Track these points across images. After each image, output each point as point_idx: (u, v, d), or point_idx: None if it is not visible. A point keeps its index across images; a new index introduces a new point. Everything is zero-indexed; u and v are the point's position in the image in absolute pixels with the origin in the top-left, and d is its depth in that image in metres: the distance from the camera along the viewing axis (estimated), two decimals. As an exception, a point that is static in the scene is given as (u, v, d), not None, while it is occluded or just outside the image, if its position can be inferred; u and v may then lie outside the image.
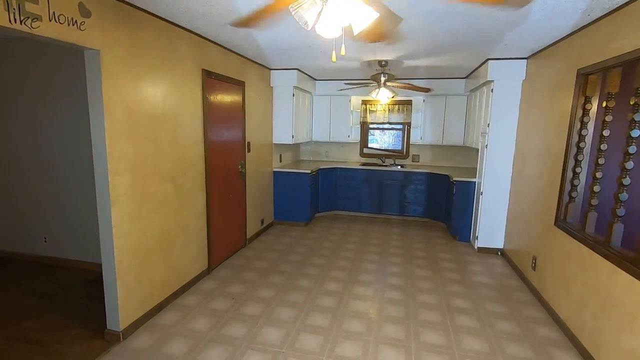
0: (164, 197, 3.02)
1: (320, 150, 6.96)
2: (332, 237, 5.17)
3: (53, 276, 3.72)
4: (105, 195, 2.46)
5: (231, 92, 4.11)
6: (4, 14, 1.73)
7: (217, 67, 3.75)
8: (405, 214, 6.15)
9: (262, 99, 5.01)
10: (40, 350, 2.52)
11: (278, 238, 5.10)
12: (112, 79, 2.41)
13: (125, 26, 2.49)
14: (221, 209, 4.02)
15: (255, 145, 4.87)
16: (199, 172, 3.53)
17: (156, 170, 2.90)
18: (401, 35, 3.03)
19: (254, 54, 4.23)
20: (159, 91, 2.89)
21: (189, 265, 3.44)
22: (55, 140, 3.77)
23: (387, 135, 6.79)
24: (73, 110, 3.63)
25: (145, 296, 2.86)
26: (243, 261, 4.21)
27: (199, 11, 2.66)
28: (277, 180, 5.65)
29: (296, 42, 3.53)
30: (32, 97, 3.77)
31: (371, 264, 4.19)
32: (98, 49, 2.29)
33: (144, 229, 2.80)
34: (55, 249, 3.99)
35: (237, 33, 3.28)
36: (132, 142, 2.62)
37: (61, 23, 2.02)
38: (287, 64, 4.89)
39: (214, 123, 3.75)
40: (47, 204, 3.93)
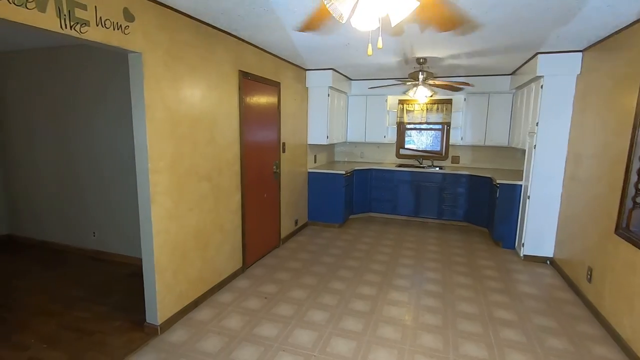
0: (200, 195, 3.08)
1: (355, 151, 6.87)
2: (366, 240, 5.06)
3: (100, 269, 3.94)
4: (145, 193, 2.55)
5: (267, 92, 4.15)
6: (55, 20, 1.84)
7: (253, 68, 3.79)
8: (443, 218, 5.90)
9: (297, 99, 5.01)
10: (87, 339, 2.65)
11: (312, 239, 5.07)
12: (153, 80, 2.49)
13: (166, 29, 2.57)
14: (256, 208, 4.06)
15: (290, 145, 4.88)
16: (234, 171, 3.58)
17: (193, 169, 2.98)
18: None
19: (289, 55, 4.24)
20: (197, 92, 2.96)
21: (224, 263, 3.50)
22: (103, 140, 4.00)
23: (424, 135, 6.56)
24: (118, 112, 3.82)
25: (182, 292, 2.94)
26: (277, 261, 4.22)
27: (237, 13, 2.69)
28: (312, 181, 5.63)
29: (332, 42, 3.49)
30: (83, 100, 4.02)
31: (406, 269, 4.04)
32: (140, 52, 2.37)
33: (181, 227, 2.88)
34: (103, 243, 4.23)
35: (274, 34, 3.29)
36: (171, 141, 2.69)
37: (107, 27, 2.11)
38: (323, 64, 4.86)
39: (249, 123, 3.80)
40: (96, 201, 4.17)
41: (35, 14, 1.74)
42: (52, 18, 1.82)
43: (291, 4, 2.47)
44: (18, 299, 3.26)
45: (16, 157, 4.61)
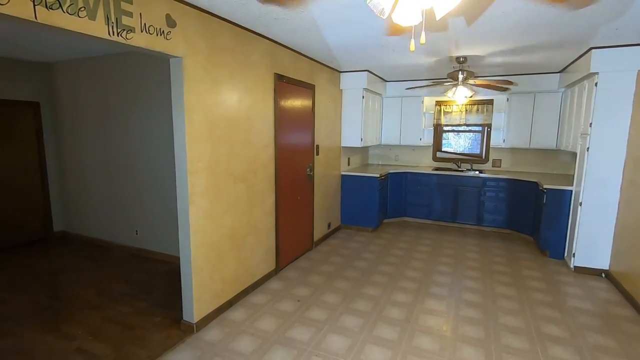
0: (236, 196, 3.13)
1: (389, 154, 6.73)
2: (400, 245, 4.92)
3: (141, 266, 4.11)
4: (184, 193, 2.61)
5: (301, 95, 4.15)
6: (104, 28, 1.93)
7: (289, 71, 3.81)
8: (482, 224, 5.61)
9: (331, 101, 4.99)
10: (129, 334, 2.76)
11: (345, 242, 5.01)
12: (192, 84, 2.56)
13: (205, 34, 2.63)
14: (289, 210, 4.06)
15: (324, 148, 4.86)
16: (269, 173, 3.61)
17: (230, 170, 3.02)
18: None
19: (324, 57, 4.23)
20: (233, 95, 3.01)
21: (258, 265, 3.52)
22: (145, 143, 4.18)
23: (462, 138, 6.30)
24: (159, 116, 3.98)
25: (217, 292, 2.98)
26: (310, 264, 4.20)
27: (272, 16, 2.71)
28: (345, 184, 5.57)
29: (368, 42, 3.43)
30: (126, 105, 4.23)
31: (444, 277, 3.86)
32: (181, 56, 2.45)
33: (217, 227, 2.93)
34: (144, 241, 4.42)
35: (309, 36, 3.29)
36: (208, 143, 2.75)
37: (150, 33, 2.19)
38: (358, 66, 4.81)
39: (284, 125, 3.82)
40: (138, 201, 4.37)
41: (86, 22, 1.84)
42: (101, 26, 1.91)
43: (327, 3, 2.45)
44: (68, 291, 3.47)
45: (68, 159, 4.94)
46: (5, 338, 2.70)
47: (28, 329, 2.81)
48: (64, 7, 1.73)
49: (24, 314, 3.05)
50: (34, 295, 3.39)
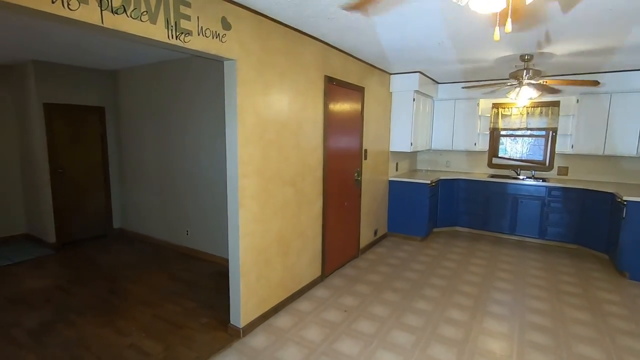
0: (284, 200, 3.08)
1: (439, 160, 6.40)
2: (452, 257, 4.61)
3: (191, 265, 4.22)
4: (234, 196, 2.60)
5: (351, 98, 4.05)
6: (164, 31, 1.96)
7: (339, 73, 3.73)
8: (545, 237, 5.11)
9: (380, 105, 4.83)
10: (177, 332, 2.80)
11: (392, 251, 4.79)
12: (245, 86, 2.55)
13: (258, 36, 2.62)
14: (336, 216, 3.96)
15: (372, 152, 4.70)
16: (317, 177, 3.53)
17: (279, 174, 2.98)
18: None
19: (374, 59, 4.09)
20: (284, 97, 2.97)
21: (304, 271, 3.45)
22: (197, 146, 4.30)
23: (519, 143, 5.82)
24: (211, 119, 4.07)
25: (264, 296, 2.94)
26: (356, 272, 4.05)
27: (326, 15, 2.63)
28: (393, 190, 5.36)
29: (425, 41, 3.24)
30: (181, 110, 4.39)
31: (504, 294, 3.53)
32: (235, 59, 2.45)
33: (265, 231, 2.89)
34: (194, 241, 4.54)
35: (361, 37, 3.18)
36: (259, 146, 2.73)
37: (207, 37, 2.20)
38: (409, 67, 4.61)
39: (333, 129, 3.73)
40: (189, 202, 4.50)
41: (147, 26, 1.88)
42: (161, 29, 1.94)
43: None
44: (124, 286, 3.63)
45: (127, 161, 5.25)
46: (69, 329, 2.85)
47: (88, 321, 2.96)
48: (128, 11, 1.77)
49: (84, 305, 3.22)
50: (94, 288, 3.59)
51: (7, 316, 3.05)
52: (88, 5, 1.62)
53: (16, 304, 3.25)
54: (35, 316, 3.04)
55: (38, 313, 3.10)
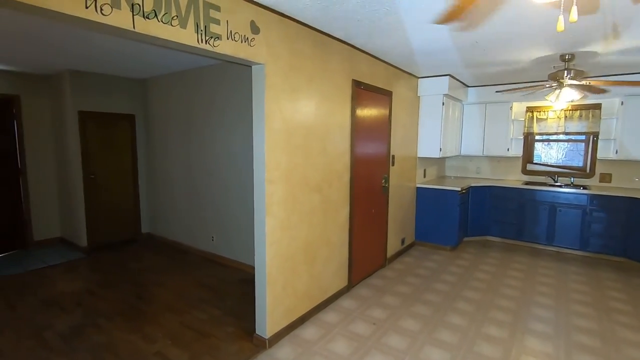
0: (310, 207, 3.00)
1: (469, 166, 6.15)
2: (485, 268, 4.37)
3: (216, 272, 4.20)
4: (261, 203, 2.55)
5: (378, 102, 3.94)
6: (194, 36, 1.94)
7: (366, 77, 3.64)
8: (588, 249, 4.77)
9: (408, 109, 4.69)
10: (202, 341, 2.75)
11: (420, 261, 4.61)
12: (273, 91, 2.50)
13: (286, 40, 2.58)
14: (363, 223, 3.84)
15: (400, 158, 4.56)
16: (344, 184, 3.43)
17: (305, 180, 2.91)
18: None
19: (403, 62, 3.97)
20: (311, 102, 2.91)
21: (330, 280, 3.34)
22: (223, 153, 4.31)
23: (558, 148, 5.50)
24: (238, 123, 4.07)
25: (290, 306, 2.86)
26: (383, 282, 3.90)
27: (356, 17, 2.56)
28: (421, 197, 5.18)
29: (457, 41, 3.10)
30: (205, 117, 4.42)
31: (545, 310, 3.28)
32: (263, 63, 2.41)
33: (292, 239, 2.82)
34: (219, 247, 4.53)
35: (390, 39, 3.08)
36: (285, 151, 2.67)
37: (235, 41, 2.18)
38: (438, 70, 4.46)
39: (360, 134, 3.63)
40: (215, 208, 4.51)
41: (178, 31, 1.86)
42: (191, 34, 1.92)
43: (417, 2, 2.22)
44: (152, 292, 3.64)
45: (156, 167, 5.34)
46: (98, 333, 2.87)
47: (116, 327, 2.97)
48: (159, 16, 1.76)
49: (113, 310, 3.25)
50: (122, 293, 3.62)
51: (41, 318, 3.11)
52: (120, 11, 1.62)
53: (49, 307, 3.32)
54: (67, 319, 3.09)
55: (69, 316, 3.15)
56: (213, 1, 2.02)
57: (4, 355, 2.60)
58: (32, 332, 2.90)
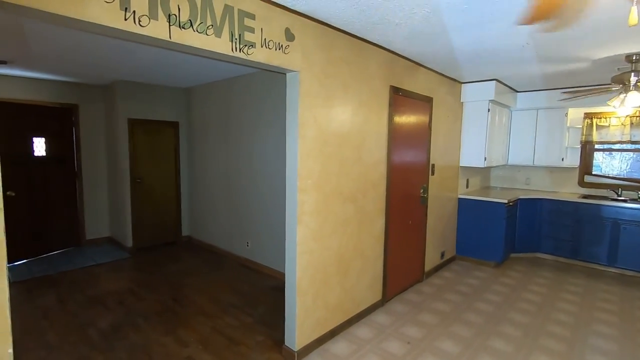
0: (344, 217, 2.91)
1: (518, 176, 5.73)
2: (535, 289, 4.00)
3: (250, 278, 4.22)
4: (293, 211, 2.50)
5: (418, 109, 3.78)
6: (228, 44, 1.95)
7: (405, 83, 3.50)
8: (659, 273, 4.22)
9: (450, 116, 4.47)
10: (232, 349, 2.74)
11: (461, 277, 4.32)
12: (307, 98, 2.46)
13: (322, 46, 2.53)
14: (399, 235, 3.67)
15: (440, 167, 4.34)
16: (379, 194, 3.31)
17: (339, 189, 2.83)
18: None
19: (445, 67, 3.79)
20: (347, 109, 2.84)
21: (363, 293, 3.22)
22: (259, 159, 4.35)
23: (617, 159, 4.96)
24: (273, 130, 4.09)
25: (320, 319, 2.77)
26: (420, 298, 3.70)
27: (395, 20, 2.46)
28: (463, 209, 4.89)
29: (506, 43, 2.89)
30: (244, 124, 4.49)
31: (605, 341, 2.91)
32: (298, 70, 2.38)
33: (324, 249, 2.74)
34: (254, 253, 4.56)
35: (431, 43, 2.94)
36: (319, 160, 2.61)
37: (270, 48, 2.16)
38: (484, 75, 4.20)
39: (398, 142, 3.49)
40: (251, 214, 4.56)
41: (212, 39, 1.88)
42: (225, 42, 1.93)
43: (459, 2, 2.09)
44: (187, 295, 3.72)
45: (197, 172, 5.53)
46: (135, 333, 2.97)
47: (152, 328, 3.05)
48: (194, 25, 1.79)
49: (151, 311, 3.35)
50: (160, 294, 3.74)
51: (86, 315, 3.28)
52: (157, 21, 1.65)
53: (94, 304, 3.50)
54: (108, 317, 3.23)
55: (111, 314, 3.29)
56: (248, 9, 2.03)
57: (51, 348, 2.75)
58: (77, 327, 3.06)
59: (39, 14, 1.39)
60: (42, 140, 4.88)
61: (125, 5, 1.54)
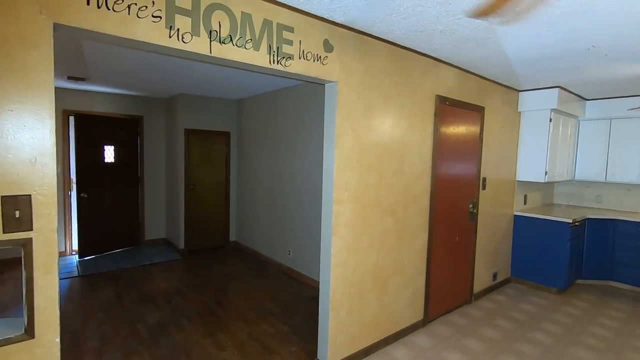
0: (382, 231, 2.81)
1: (586, 193, 5.14)
2: (606, 322, 3.51)
3: (290, 286, 4.25)
4: (328, 223, 2.48)
5: (467, 119, 3.57)
6: (266, 57, 2.01)
7: (453, 92, 3.34)
8: None
9: (505, 126, 4.16)
10: (266, 357, 2.75)
11: (516, 302, 3.95)
12: (345, 109, 2.44)
13: (361, 56, 2.51)
14: (444, 252, 3.46)
15: (492, 181, 4.04)
16: (422, 207, 3.16)
17: (377, 201, 2.75)
18: None
19: (497, 74, 3.55)
20: (387, 119, 2.76)
21: (402, 311, 3.07)
22: (301, 169, 4.40)
23: None
24: (314, 141, 4.11)
25: (355, 335, 2.68)
26: (466, 321, 3.43)
27: (438, 28, 2.36)
28: (520, 227, 4.49)
29: (566, 47, 2.63)
30: (288, 135, 4.59)
31: (697, 393, 2.45)
32: (336, 81, 2.37)
33: (359, 262, 2.66)
34: (295, 262, 4.60)
35: (482, 49, 2.77)
36: (356, 171, 2.57)
37: (307, 60, 2.19)
38: (545, 82, 3.86)
39: (444, 154, 3.32)
40: (293, 223, 4.61)
41: (251, 53, 1.94)
42: (263, 55, 1.99)
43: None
44: (229, 299, 3.84)
45: (244, 180, 5.75)
46: (178, 332, 3.12)
47: (194, 329, 3.18)
48: (234, 40, 1.87)
49: (194, 312, 3.50)
50: (205, 296, 3.90)
51: (138, 310, 3.52)
52: (199, 38, 1.75)
53: (146, 301, 3.75)
54: (157, 315, 3.44)
55: (159, 312, 3.50)
56: (287, 23, 2.07)
57: (105, 339, 2.99)
58: (128, 322, 3.29)
59: (96, 35, 1.54)
60: (111, 148, 5.42)
61: (170, 24, 1.66)
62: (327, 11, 2.14)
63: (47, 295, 1.46)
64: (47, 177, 1.43)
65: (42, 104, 1.40)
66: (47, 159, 1.43)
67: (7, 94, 1.33)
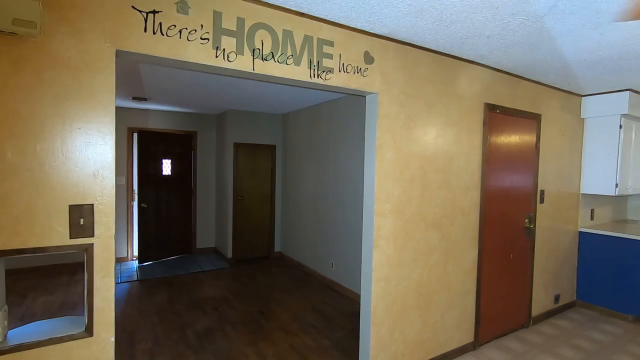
0: (426, 246, 2.70)
1: (669, 208, 4.53)
2: (698, 358, 3.02)
3: (332, 299, 4.21)
4: (369, 236, 2.43)
5: (521, 127, 3.35)
6: (306, 72, 2.05)
7: (503, 99, 3.15)
8: None
9: (565, 135, 3.83)
10: (307, 370, 2.74)
11: (582, 329, 3.55)
12: (386, 119, 2.41)
13: (402, 66, 2.47)
14: (497, 270, 3.23)
15: (552, 194, 3.72)
16: (470, 222, 2.98)
17: (421, 215, 2.65)
18: None
19: (555, 78, 3.30)
20: (431, 130, 2.68)
21: (449, 332, 2.89)
22: (346, 180, 4.38)
23: None
24: (358, 154, 4.09)
25: (397, 353, 2.58)
26: (523, 347, 3.14)
27: (485, 33, 2.26)
28: (586, 245, 4.06)
29: (636, 46, 2.38)
30: (331, 148, 4.61)
31: None
32: (377, 92, 2.36)
33: (401, 278, 2.57)
34: (338, 275, 4.55)
35: (535, 52, 2.60)
36: (398, 183, 2.50)
37: (347, 72, 2.20)
38: (612, 85, 3.51)
39: (494, 165, 3.13)
40: (336, 236, 4.59)
41: (292, 68, 2.00)
42: (304, 70, 2.04)
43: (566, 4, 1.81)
44: (272, 309, 3.90)
45: (289, 193, 5.86)
46: (223, 339, 3.21)
47: (238, 336, 3.26)
48: (275, 57, 1.94)
49: (239, 321, 3.59)
50: (249, 305, 3.99)
51: (187, 316, 3.70)
52: (243, 56, 1.85)
53: (195, 307, 3.93)
54: (204, 321, 3.58)
55: (206, 318, 3.64)
56: (327, 37, 2.11)
57: (157, 341, 3.17)
58: (178, 326, 3.46)
59: (152, 58, 1.68)
60: (169, 161, 5.84)
61: (216, 45, 1.77)
62: (368, 23, 2.15)
63: (104, 297, 1.58)
64: (107, 188, 1.58)
65: (105, 123, 1.56)
66: (107, 171, 1.58)
67: (76, 113, 1.50)
